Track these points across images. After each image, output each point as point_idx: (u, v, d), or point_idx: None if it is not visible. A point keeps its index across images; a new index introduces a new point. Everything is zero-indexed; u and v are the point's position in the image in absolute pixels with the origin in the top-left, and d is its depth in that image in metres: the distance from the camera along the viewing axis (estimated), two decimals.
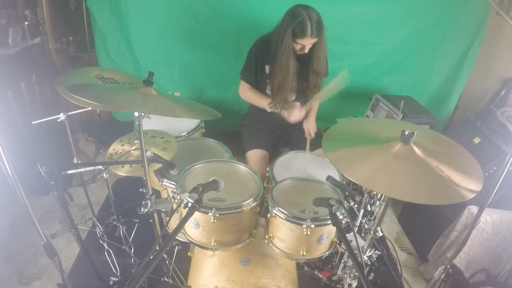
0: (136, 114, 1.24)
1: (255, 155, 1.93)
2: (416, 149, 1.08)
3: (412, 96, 2.52)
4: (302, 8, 1.67)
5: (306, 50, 1.75)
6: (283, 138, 2.09)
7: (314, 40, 1.71)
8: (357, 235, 1.28)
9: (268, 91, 1.95)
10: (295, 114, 1.86)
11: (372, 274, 1.75)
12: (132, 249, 1.96)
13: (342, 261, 1.49)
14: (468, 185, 1.01)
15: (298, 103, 1.93)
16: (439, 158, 1.07)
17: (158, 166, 1.56)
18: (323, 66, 1.87)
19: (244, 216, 1.35)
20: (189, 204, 1.11)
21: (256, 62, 1.90)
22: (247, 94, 1.99)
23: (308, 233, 1.26)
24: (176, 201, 1.43)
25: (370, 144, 1.15)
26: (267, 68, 1.90)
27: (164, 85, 2.55)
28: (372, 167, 1.05)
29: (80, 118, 2.58)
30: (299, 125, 1.97)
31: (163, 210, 1.47)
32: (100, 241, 2.01)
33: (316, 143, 1.83)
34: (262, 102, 1.95)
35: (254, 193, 1.37)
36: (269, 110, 1.94)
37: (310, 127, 1.90)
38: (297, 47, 1.74)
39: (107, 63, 2.60)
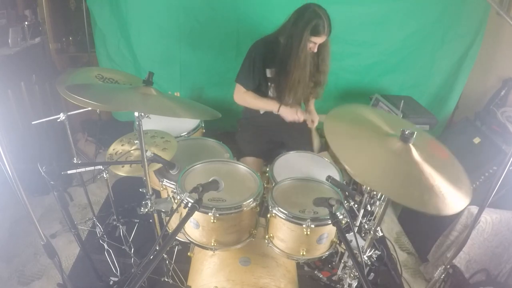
0: (136, 114, 1.24)
1: (248, 162, 1.92)
2: (414, 150, 1.06)
3: (412, 96, 2.52)
4: (316, 6, 1.69)
5: (316, 49, 1.76)
6: (277, 142, 2.07)
7: (325, 38, 1.73)
8: (357, 235, 1.28)
9: (271, 94, 1.94)
10: (294, 115, 1.87)
11: (372, 274, 1.75)
12: (132, 249, 1.96)
13: (342, 261, 1.49)
14: (456, 199, 0.99)
15: (297, 106, 1.93)
16: (433, 164, 1.05)
17: (158, 166, 1.56)
18: (328, 66, 1.88)
19: (244, 216, 1.35)
20: (189, 204, 1.11)
21: (254, 65, 1.85)
22: (245, 97, 1.92)
23: (308, 233, 1.26)
24: (176, 201, 1.43)
25: (371, 132, 1.14)
26: (268, 71, 1.87)
27: (164, 85, 2.55)
28: (368, 158, 1.04)
29: (80, 118, 2.57)
30: (293, 129, 1.97)
31: (163, 210, 1.47)
32: (100, 241, 2.01)
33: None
34: (267, 105, 1.92)
35: (254, 193, 1.37)
36: (276, 112, 1.90)
37: (313, 117, 1.91)
38: (309, 45, 1.74)
39: (107, 63, 2.60)
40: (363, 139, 1.11)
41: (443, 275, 1.31)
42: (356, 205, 1.42)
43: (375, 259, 1.38)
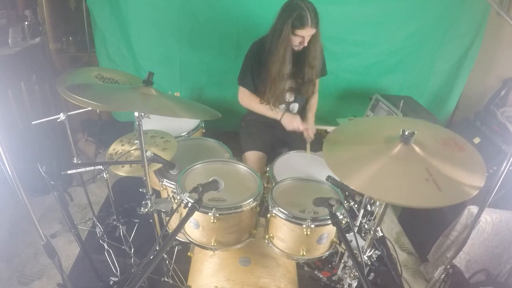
0: (136, 114, 1.24)
1: (252, 156, 1.93)
2: (417, 149, 1.05)
3: (412, 96, 2.52)
4: (298, 0, 1.68)
5: (306, 43, 1.75)
6: (281, 139, 2.07)
7: (313, 31, 1.71)
8: (357, 235, 1.28)
9: None
10: (294, 124, 1.87)
11: (372, 274, 1.75)
12: (132, 249, 1.96)
13: (342, 261, 1.49)
14: (472, 182, 0.97)
15: (298, 116, 1.92)
16: (441, 157, 1.03)
17: (158, 166, 1.56)
18: (318, 60, 1.86)
19: (244, 216, 1.35)
20: (189, 204, 1.11)
21: (252, 67, 1.88)
22: (250, 102, 1.96)
23: (308, 233, 1.26)
24: (176, 201, 1.43)
25: (371, 146, 1.12)
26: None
27: (164, 85, 2.55)
28: (372, 173, 1.01)
29: (80, 118, 2.58)
30: None
31: (163, 210, 1.47)
32: (100, 241, 2.01)
33: (317, 146, 1.83)
34: (271, 112, 1.93)
35: (254, 193, 1.37)
36: (279, 118, 1.91)
37: (309, 129, 1.90)
38: (297, 40, 1.73)
39: (107, 63, 2.60)
40: (364, 155, 1.09)
41: (443, 275, 1.31)
42: (356, 205, 1.42)
43: (375, 259, 1.39)
